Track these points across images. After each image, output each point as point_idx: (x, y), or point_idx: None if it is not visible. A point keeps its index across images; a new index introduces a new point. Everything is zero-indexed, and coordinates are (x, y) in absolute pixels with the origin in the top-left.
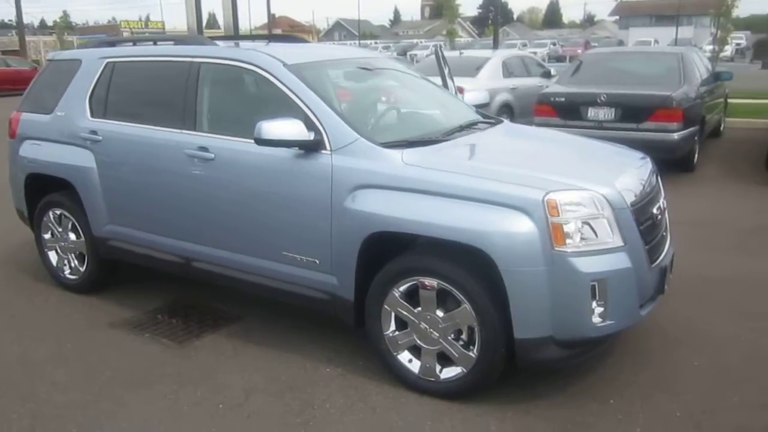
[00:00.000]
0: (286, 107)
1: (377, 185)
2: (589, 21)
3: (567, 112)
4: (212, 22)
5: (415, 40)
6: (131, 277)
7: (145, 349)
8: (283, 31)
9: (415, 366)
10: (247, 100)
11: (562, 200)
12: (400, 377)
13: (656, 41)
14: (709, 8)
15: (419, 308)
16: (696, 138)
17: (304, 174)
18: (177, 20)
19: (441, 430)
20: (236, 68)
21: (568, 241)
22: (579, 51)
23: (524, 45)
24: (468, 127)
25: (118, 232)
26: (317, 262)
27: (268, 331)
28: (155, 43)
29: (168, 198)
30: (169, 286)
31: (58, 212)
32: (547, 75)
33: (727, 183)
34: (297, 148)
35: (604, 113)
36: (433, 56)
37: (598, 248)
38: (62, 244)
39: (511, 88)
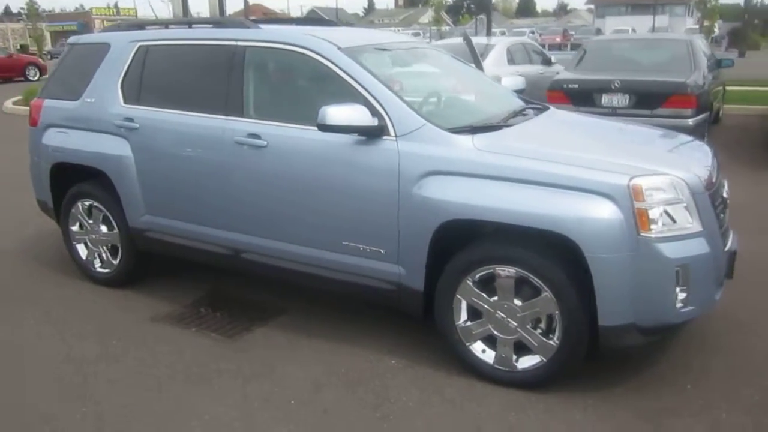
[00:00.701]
0: (343, 92)
1: (449, 172)
2: (563, 10)
3: (580, 98)
4: (183, 11)
5: (392, 29)
6: (162, 269)
7: (195, 343)
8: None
9: (488, 356)
10: (300, 85)
11: (646, 185)
12: (472, 368)
13: (633, 30)
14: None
15: (495, 297)
16: (706, 124)
17: (367, 161)
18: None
19: (526, 421)
20: (286, 52)
21: (652, 226)
22: (558, 39)
23: (503, 33)
24: (521, 112)
25: (156, 223)
26: (382, 251)
27: (319, 323)
28: (191, 26)
29: (214, 187)
30: (203, 278)
31: (87, 203)
32: (547, 62)
33: (737, 168)
34: (358, 134)
35: (618, 100)
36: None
37: (680, 233)
38: (92, 236)
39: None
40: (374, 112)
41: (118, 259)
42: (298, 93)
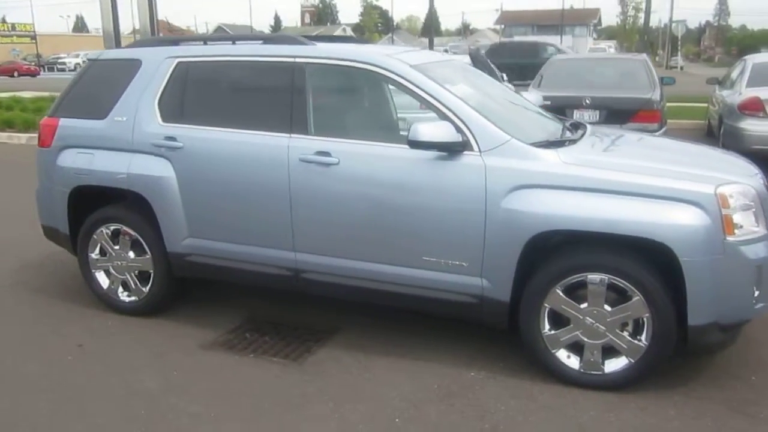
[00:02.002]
0: (427, 110)
1: (539, 185)
2: (467, 30)
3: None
4: (80, 26)
5: None
6: (188, 295)
7: (263, 369)
8: (162, 35)
9: (574, 362)
10: (369, 101)
11: (729, 192)
12: (558, 374)
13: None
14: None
15: (585, 304)
16: None
17: (451, 176)
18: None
19: (626, 421)
20: (353, 69)
21: (736, 230)
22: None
23: (446, 51)
24: (572, 128)
25: (200, 246)
26: (465, 265)
27: (377, 340)
28: (234, 43)
29: (274, 206)
30: (234, 301)
31: (112, 228)
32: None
33: None
34: (440, 150)
35: (589, 115)
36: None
37: (754, 236)
38: (118, 263)
39: None
40: (457, 129)
41: (148, 286)
42: (368, 110)
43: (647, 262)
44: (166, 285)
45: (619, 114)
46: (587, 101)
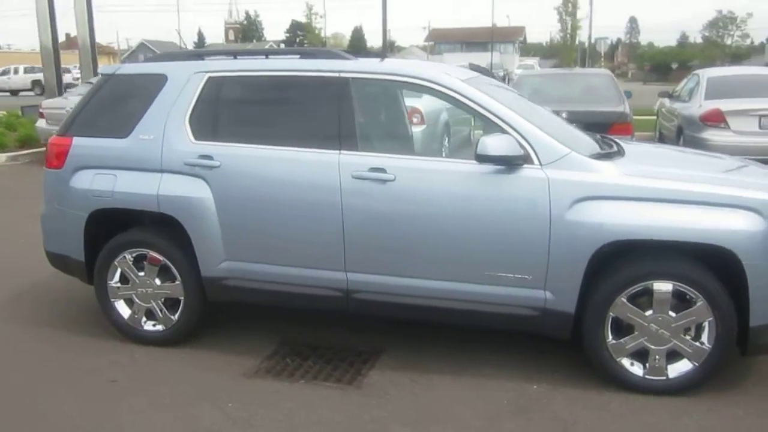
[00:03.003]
0: (481, 124)
1: (602, 196)
2: (394, 48)
3: None
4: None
5: None
6: (211, 322)
7: (322, 396)
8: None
9: (637, 369)
10: (426, 117)
11: None
12: (622, 382)
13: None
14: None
15: (650, 311)
16: None
17: (514, 190)
18: None
19: (701, 422)
20: (403, 84)
21: None
22: None
23: None
24: (608, 141)
25: (238, 269)
26: (528, 278)
27: (429, 358)
28: (267, 57)
29: (324, 224)
30: (261, 326)
31: (135, 253)
32: None
33: None
34: (504, 164)
35: None
36: None
37: None
38: (142, 290)
39: None
40: (517, 142)
41: (177, 314)
42: (427, 125)
43: (706, 266)
44: (198, 312)
45: (596, 127)
46: (564, 115)
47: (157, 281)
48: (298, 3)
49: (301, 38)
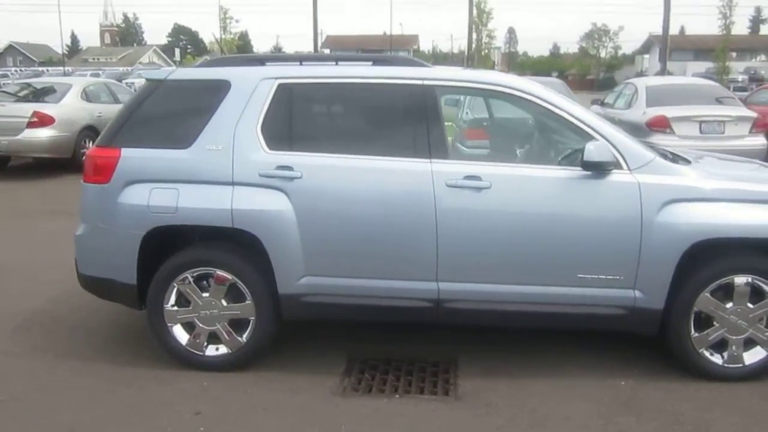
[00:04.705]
0: (564, 131)
1: (688, 198)
2: (278, 51)
3: None
4: None
5: (121, 68)
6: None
7: (430, 409)
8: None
9: (716, 358)
10: (511, 125)
11: None
12: (703, 372)
13: None
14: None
15: (730, 304)
16: None
17: (607, 195)
18: None
19: None
20: (489, 92)
21: None
22: None
23: None
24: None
25: (319, 284)
26: (620, 278)
27: (509, 362)
28: (337, 63)
29: (417, 235)
30: (315, 342)
31: (196, 274)
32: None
33: None
34: (601, 170)
35: None
36: None
37: None
38: (206, 312)
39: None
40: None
41: (246, 335)
42: (506, 133)
43: None
44: (269, 333)
45: None
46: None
47: (224, 302)
48: (180, 5)
49: (185, 42)
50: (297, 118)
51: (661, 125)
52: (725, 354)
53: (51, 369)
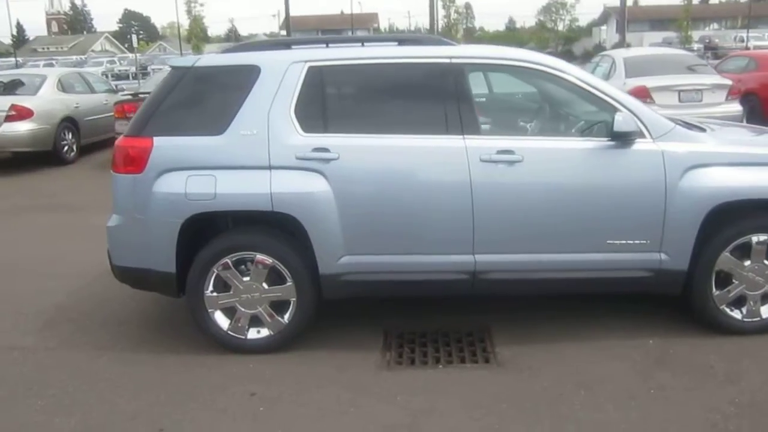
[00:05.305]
0: (590, 104)
1: (707, 163)
2: (236, 37)
3: None
4: None
5: (75, 57)
6: None
7: (478, 377)
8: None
9: (736, 314)
10: (537, 99)
11: None
12: (725, 327)
13: None
14: (365, 23)
15: (747, 261)
16: None
17: (632, 163)
18: None
19: None
20: (515, 69)
21: None
22: None
23: None
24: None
25: (358, 263)
26: (647, 242)
27: (539, 329)
28: (363, 44)
29: (454, 210)
30: (346, 320)
31: (234, 258)
32: (112, 92)
33: None
34: (627, 139)
35: None
36: None
37: None
38: (247, 296)
39: (74, 106)
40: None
41: (288, 317)
42: (538, 107)
43: None
44: (309, 312)
45: None
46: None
47: (265, 285)
48: None
49: (137, 28)
50: (329, 100)
51: (642, 95)
52: (744, 309)
53: (92, 361)
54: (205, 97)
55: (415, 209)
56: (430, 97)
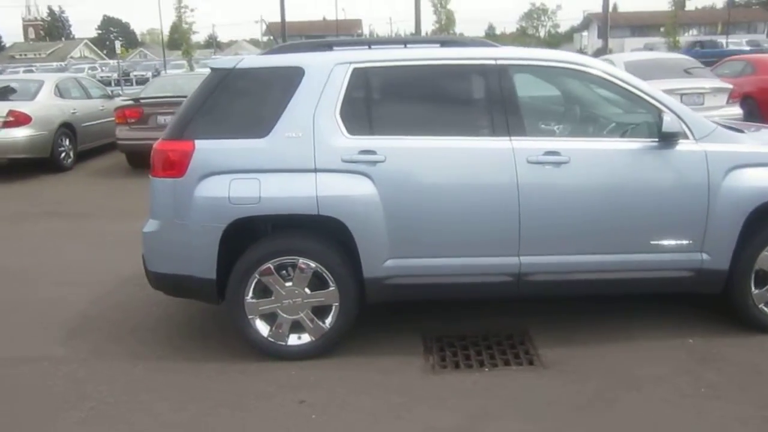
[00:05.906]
0: (635, 105)
1: (749, 164)
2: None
3: None
4: None
5: (55, 63)
6: None
7: (527, 379)
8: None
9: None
10: (582, 101)
11: None
12: (761, 325)
13: None
14: (350, 29)
15: None
16: None
17: (676, 163)
18: None
19: None
20: (560, 70)
21: None
22: None
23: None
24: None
25: (403, 266)
26: (689, 242)
27: (576, 330)
28: (406, 46)
29: (501, 212)
30: (383, 324)
31: (276, 263)
32: (108, 97)
33: None
34: (671, 140)
35: None
36: None
37: None
38: (289, 302)
39: (72, 111)
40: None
41: (330, 322)
42: (584, 108)
43: None
44: (352, 317)
45: None
46: None
47: (307, 290)
48: None
49: (116, 34)
50: (374, 102)
51: None
52: None
53: (128, 371)
54: (248, 99)
55: (462, 211)
56: (476, 99)
